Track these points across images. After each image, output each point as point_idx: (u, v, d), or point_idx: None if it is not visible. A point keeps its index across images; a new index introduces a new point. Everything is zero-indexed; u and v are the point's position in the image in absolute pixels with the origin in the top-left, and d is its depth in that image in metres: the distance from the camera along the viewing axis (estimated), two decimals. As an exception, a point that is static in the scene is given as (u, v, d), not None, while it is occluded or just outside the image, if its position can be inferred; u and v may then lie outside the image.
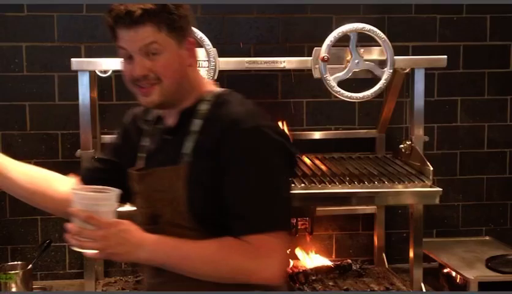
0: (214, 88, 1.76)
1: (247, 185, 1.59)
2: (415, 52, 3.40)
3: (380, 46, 2.72)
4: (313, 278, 3.14)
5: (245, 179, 1.59)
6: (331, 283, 3.10)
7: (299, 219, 3.07)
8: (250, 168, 1.59)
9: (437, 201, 2.74)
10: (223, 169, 1.59)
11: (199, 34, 2.58)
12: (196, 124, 1.66)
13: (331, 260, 3.33)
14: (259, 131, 1.60)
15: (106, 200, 1.56)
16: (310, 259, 3.31)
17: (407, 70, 2.88)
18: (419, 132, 2.90)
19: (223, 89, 1.76)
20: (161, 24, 1.62)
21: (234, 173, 1.59)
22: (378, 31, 2.71)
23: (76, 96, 2.68)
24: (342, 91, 2.68)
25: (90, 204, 1.53)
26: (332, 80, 2.68)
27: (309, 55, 2.72)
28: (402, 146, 2.99)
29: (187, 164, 1.63)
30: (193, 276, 1.58)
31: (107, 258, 1.58)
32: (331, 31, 2.69)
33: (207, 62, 2.60)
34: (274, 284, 1.59)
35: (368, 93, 2.73)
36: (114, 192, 1.58)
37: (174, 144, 1.67)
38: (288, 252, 1.65)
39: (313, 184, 2.69)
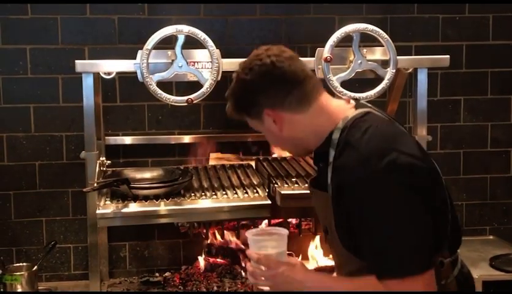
0: (347, 112, 1.77)
1: (370, 234, 1.61)
2: (418, 52, 3.41)
3: (382, 46, 2.72)
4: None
5: (367, 228, 1.62)
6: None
7: (302, 220, 3.08)
8: (371, 217, 1.60)
9: (441, 200, 2.74)
10: (348, 215, 1.65)
11: (202, 35, 2.59)
12: (331, 155, 1.72)
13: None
14: (373, 179, 1.59)
15: (275, 242, 1.75)
16: (315, 259, 3.31)
17: (410, 70, 2.89)
18: (422, 132, 2.90)
19: (355, 113, 1.75)
20: (241, 113, 1.86)
21: (358, 222, 1.63)
22: (381, 31, 2.71)
23: (80, 98, 2.69)
24: (345, 91, 2.68)
25: (263, 246, 1.75)
26: (335, 80, 2.68)
27: (312, 55, 2.73)
28: (405, 145, 2.99)
29: (330, 194, 1.72)
30: None
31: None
32: (334, 31, 2.69)
33: (211, 63, 2.60)
34: None
35: (371, 93, 2.73)
36: (282, 233, 1.76)
37: (323, 172, 1.78)
38: (433, 288, 1.65)
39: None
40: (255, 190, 2.71)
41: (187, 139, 3.34)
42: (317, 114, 1.77)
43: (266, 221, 3.01)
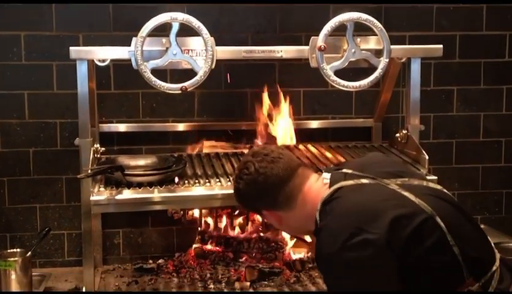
0: (323, 193, 1.93)
1: None
2: (412, 42, 3.41)
3: (376, 35, 2.73)
4: (310, 265, 3.17)
5: None
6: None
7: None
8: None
9: (433, 189, 2.76)
10: None
11: (196, 23, 2.59)
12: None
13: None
14: (331, 260, 1.76)
15: None
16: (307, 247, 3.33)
17: (403, 60, 2.90)
18: (415, 121, 2.91)
19: (326, 195, 1.92)
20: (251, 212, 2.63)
21: None
22: (375, 21, 2.71)
23: (74, 85, 2.69)
24: (339, 80, 2.69)
25: None
26: (329, 69, 2.69)
27: (306, 44, 2.73)
28: (398, 135, 3.01)
29: None
30: None
31: None
32: (328, 20, 2.70)
33: (205, 51, 2.61)
34: None
35: (364, 82, 2.74)
36: None
37: None
38: None
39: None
40: (248, 178, 2.72)
41: (181, 127, 3.35)
42: (304, 205, 1.98)
43: None
